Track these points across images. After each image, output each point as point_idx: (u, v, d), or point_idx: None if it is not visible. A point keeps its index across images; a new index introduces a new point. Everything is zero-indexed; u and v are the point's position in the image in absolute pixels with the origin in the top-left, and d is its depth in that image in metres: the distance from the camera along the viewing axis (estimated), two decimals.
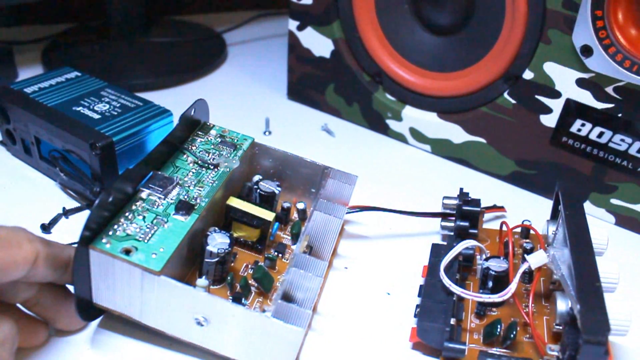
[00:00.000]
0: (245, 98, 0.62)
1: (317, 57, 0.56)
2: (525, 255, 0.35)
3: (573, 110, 0.44)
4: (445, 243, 0.41)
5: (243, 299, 0.34)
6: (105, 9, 0.67)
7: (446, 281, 0.35)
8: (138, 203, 0.34)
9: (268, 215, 0.38)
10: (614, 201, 0.45)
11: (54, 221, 0.41)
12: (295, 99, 0.61)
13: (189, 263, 0.36)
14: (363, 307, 0.37)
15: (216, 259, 0.34)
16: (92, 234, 0.30)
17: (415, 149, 0.55)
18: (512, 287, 0.33)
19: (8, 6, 0.71)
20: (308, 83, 0.59)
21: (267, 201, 0.41)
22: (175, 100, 0.55)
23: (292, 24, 0.56)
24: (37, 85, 0.47)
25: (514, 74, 0.46)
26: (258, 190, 0.41)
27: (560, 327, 0.32)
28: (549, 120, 0.46)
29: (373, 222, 0.44)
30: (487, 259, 0.36)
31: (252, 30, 0.78)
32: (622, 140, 0.43)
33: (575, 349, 0.29)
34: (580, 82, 0.43)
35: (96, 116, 0.44)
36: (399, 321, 0.36)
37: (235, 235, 0.38)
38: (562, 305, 0.32)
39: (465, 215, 0.40)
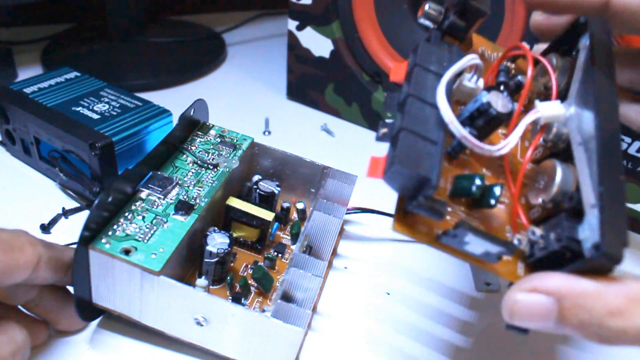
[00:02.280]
0: (244, 98, 0.62)
1: (317, 57, 0.56)
2: (537, 102, 0.26)
3: None
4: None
5: (243, 299, 0.34)
6: (104, 9, 0.67)
7: (447, 115, 0.24)
8: (137, 203, 0.34)
9: (267, 215, 0.38)
10: None
11: (54, 221, 0.41)
12: (295, 99, 0.61)
13: (189, 263, 0.36)
14: (363, 307, 0.37)
15: (216, 259, 0.34)
16: (91, 234, 0.30)
17: None
18: (513, 138, 0.25)
19: (8, 6, 0.71)
20: (307, 83, 0.59)
21: (266, 201, 0.41)
22: (174, 100, 0.55)
23: (292, 24, 0.56)
24: (37, 85, 0.47)
25: None
26: (257, 190, 0.41)
27: (549, 206, 0.25)
28: None
29: (373, 222, 0.44)
30: (488, 89, 0.26)
31: (252, 30, 0.78)
32: (622, 140, 0.43)
33: (568, 247, 0.23)
34: None
35: (95, 116, 0.44)
36: (399, 321, 0.36)
37: (234, 235, 0.38)
38: (565, 182, 0.25)
39: (465, 11, 0.29)
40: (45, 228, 0.40)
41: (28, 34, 0.70)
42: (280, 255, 0.39)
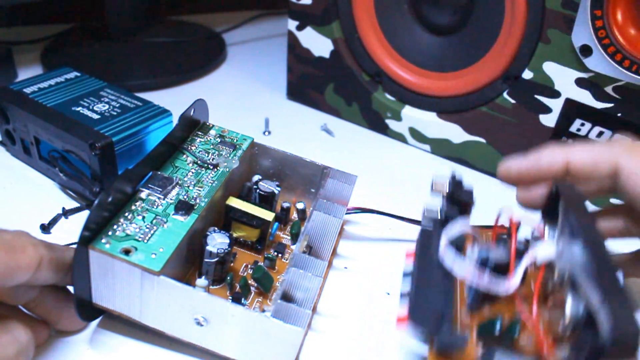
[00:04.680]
0: (245, 98, 0.62)
1: (317, 57, 0.56)
2: (531, 245, 0.31)
3: (572, 110, 0.44)
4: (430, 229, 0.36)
5: (243, 299, 0.34)
6: (105, 9, 0.67)
7: (448, 258, 0.29)
8: (137, 203, 0.34)
9: (267, 215, 0.38)
10: (614, 201, 0.45)
11: (54, 221, 0.41)
12: (295, 99, 0.61)
13: (189, 263, 0.36)
14: (363, 307, 0.37)
15: (216, 259, 0.34)
16: (91, 234, 0.30)
17: (415, 148, 0.55)
18: (517, 278, 0.29)
19: (8, 6, 0.71)
20: (307, 83, 0.59)
21: (266, 201, 0.41)
22: (174, 100, 0.55)
23: (292, 24, 0.56)
24: (37, 85, 0.47)
25: (513, 73, 0.46)
26: (257, 190, 0.41)
27: (567, 333, 0.28)
28: (549, 120, 0.46)
29: (373, 222, 0.44)
30: (483, 247, 0.31)
31: (252, 30, 0.78)
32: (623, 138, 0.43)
33: (591, 354, 0.24)
34: (580, 82, 0.43)
35: (95, 116, 0.44)
36: None
37: (234, 235, 0.38)
38: (574, 306, 0.27)
39: (456, 200, 0.35)
40: (45, 228, 0.40)
41: (28, 34, 0.70)
42: (280, 255, 0.39)
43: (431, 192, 0.37)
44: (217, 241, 0.35)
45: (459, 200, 0.35)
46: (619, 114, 0.42)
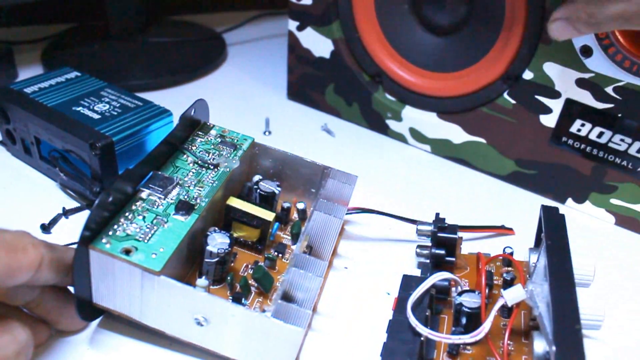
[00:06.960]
0: (245, 98, 0.62)
1: (317, 58, 0.56)
2: (502, 291, 0.32)
3: (573, 110, 0.44)
4: (419, 274, 0.39)
5: (243, 299, 0.34)
6: (105, 9, 0.67)
7: (412, 320, 0.31)
8: (138, 203, 0.34)
9: (268, 215, 0.38)
10: (613, 201, 0.45)
11: (54, 221, 0.41)
12: (295, 99, 0.61)
13: (189, 263, 0.36)
14: (363, 307, 0.37)
15: (216, 259, 0.34)
16: (92, 234, 0.30)
17: (415, 149, 0.55)
18: (485, 326, 0.31)
19: (8, 6, 0.71)
20: (308, 83, 0.59)
21: (267, 201, 0.41)
22: (175, 100, 0.55)
23: (292, 24, 0.56)
24: (37, 85, 0.47)
25: (513, 74, 0.46)
26: (258, 190, 0.41)
27: None
28: (549, 120, 0.46)
29: (373, 222, 0.44)
30: (460, 294, 0.34)
31: (252, 30, 0.78)
32: (622, 140, 0.43)
33: None
34: (580, 82, 0.43)
35: (96, 116, 0.44)
36: None
37: (235, 235, 0.38)
38: (540, 346, 0.30)
39: (441, 242, 0.38)
40: (46, 228, 0.40)
41: (28, 34, 0.70)
42: (280, 255, 0.39)
43: (417, 235, 0.40)
44: (217, 241, 0.35)
45: (443, 242, 0.38)
46: (619, 115, 0.42)
